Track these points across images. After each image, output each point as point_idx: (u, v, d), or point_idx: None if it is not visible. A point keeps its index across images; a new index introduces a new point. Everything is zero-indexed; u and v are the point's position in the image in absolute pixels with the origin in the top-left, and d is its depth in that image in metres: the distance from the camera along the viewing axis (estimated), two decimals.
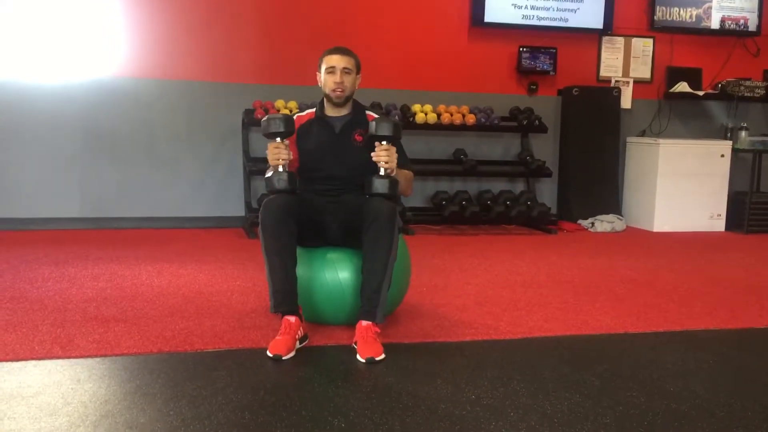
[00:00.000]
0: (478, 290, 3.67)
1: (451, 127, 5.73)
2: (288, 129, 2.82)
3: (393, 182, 2.81)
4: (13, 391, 2.19)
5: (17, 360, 2.47)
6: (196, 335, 2.79)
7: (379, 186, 2.79)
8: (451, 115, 5.73)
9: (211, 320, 3.00)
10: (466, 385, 2.34)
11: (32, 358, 2.49)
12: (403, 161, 3.00)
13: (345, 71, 2.91)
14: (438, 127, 5.71)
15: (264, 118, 2.86)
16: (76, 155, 5.35)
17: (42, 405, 2.10)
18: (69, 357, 2.51)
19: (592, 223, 5.94)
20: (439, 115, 5.70)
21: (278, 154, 2.80)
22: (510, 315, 3.21)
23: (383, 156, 2.80)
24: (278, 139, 2.82)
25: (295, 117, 3.02)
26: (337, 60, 2.91)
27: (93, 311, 3.10)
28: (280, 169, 2.82)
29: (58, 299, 3.28)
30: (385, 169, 2.81)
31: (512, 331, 2.98)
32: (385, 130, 2.79)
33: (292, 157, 2.87)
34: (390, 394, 2.25)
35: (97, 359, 2.51)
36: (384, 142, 2.80)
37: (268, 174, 2.88)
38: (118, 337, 2.73)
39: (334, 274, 2.87)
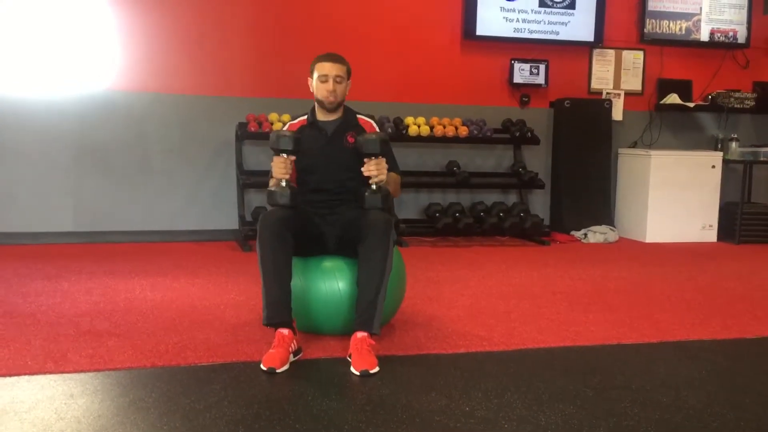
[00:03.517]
0: (472, 302, 3.68)
1: (444, 139, 5.75)
2: (296, 148, 2.88)
3: (385, 196, 2.88)
4: (6, 407, 2.18)
5: (10, 375, 2.46)
6: (190, 349, 2.78)
7: (373, 201, 2.87)
8: (444, 127, 5.75)
9: (205, 334, 2.99)
10: (460, 397, 2.34)
11: (25, 373, 2.48)
12: (391, 165, 3.06)
13: (337, 80, 2.97)
14: (431, 140, 5.73)
15: (274, 133, 2.91)
16: (69, 169, 5.34)
17: (35, 420, 2.09)
18: (62, 372, 2.50)
19: (585, 234, 5.97)
20: (432, 128, 5.72)
21: (284, 169, 2.85)
22: (503, 326, 3.21)
23: (373, 170, 2.85)
24: (284, 155, 2.87)
25: (287, 125, 3.11)
26: (329, 68, 2.97)
27: (86, 325, 3.09)
28: (283, 183, 2.87)
29: (51, 313, 3.27)
30: (377, 183, 2.87)
31: (506, 342, 2.98)
32: (372, 148, 2.86)
33: (293, 173, 2.92)
34: (384, 406, 2.25)
35: (91, 374, 2.50)
36: (373, 157, 2.87)
37: (271, 186, 2.93)
38: (112, 352, 2.73)
39: (332, 283, 2.89)
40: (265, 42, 5.62)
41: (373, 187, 2.87)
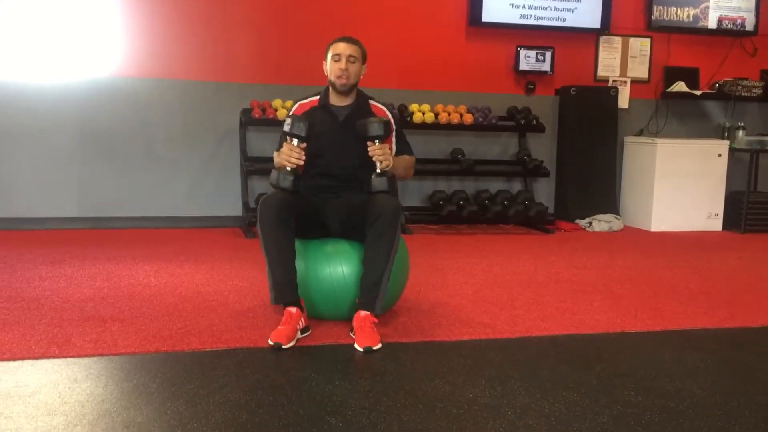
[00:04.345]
0: (476, 289, 3.67)
1: (449, 127, 5.73)
2: (308, 135, 2.88)
3: (390, 179, 2.91)
4: (10, 391, 2.19)
5: (14, 359, 2.46)
6: (194, 334, 2.79)
7: (378, 184, 2.89)
8: (449, 114, 5.73)
9: (209, 319, 3.00)
10: (463, 384, 2.34)
11: (29, 358, 2.48)
12: (403, 147, 3.10)
13: (350, 59, 2.96)
14: (436, 127, 5.71)
15: (288, 117, 2.91)
16: (73, 155, 5.34)
17: (39, 404, 2.10)
18: (66, 356, 2.51)
19: (590, 223, 5.95)
20: (436, 115, 5.70)
21: (291, 156, 2.85)
22: (507, 314, 3.21)
23: (377, 154, 2.86)
24: (295, 142, 2.86)
25: (297, 104, 3.09)
26: (343, 48, 2.97)
27: (90, 311, 3.09)
28: (288, 168, 2.86)
29: (55, 299, 3.28)
30: (382, 167, 2.88)
31: (510, 330, 2.98)
32: (374, 130, 2.88)
33: (302, 162, 2.88)
34: (388, 393, 2.25)
35: (94, 359, 2.51)
36: (377, 141, 2.88)
37: (276, 167, 2.94)
38: (116, 337, 2.73)
39: (335, 268, 2.89)
40: (269, 28, 5.59)
41: (378, 170, 2.89)
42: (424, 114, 5.66)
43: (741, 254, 5.02)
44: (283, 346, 2.60)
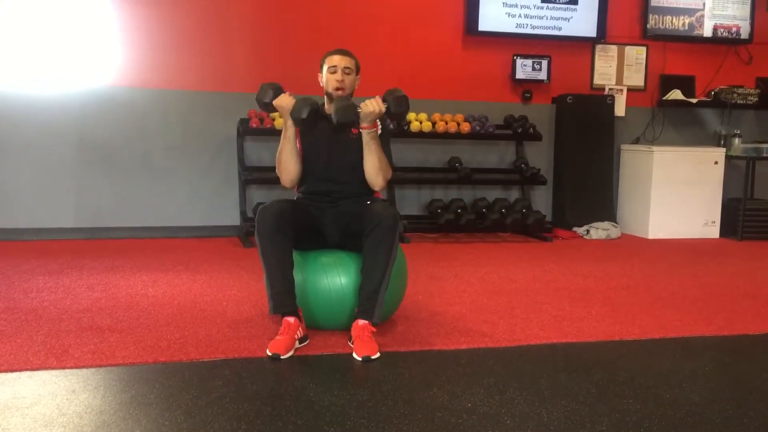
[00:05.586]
0: (474, 298, 3.67)
1: (446, 136, 5.75)
2: (280, 87, 3.01)
3: (349, 108, 2.88)
4: (8, 402, 2.18)
5: (12, 371, 2.46)
6: (192, 345, 2.78)
7: (340, 104, 2.89)
8: (446, 123, 5.75)
9: (207, 329, 2.99)
10: (462, 393, 2.33)
11: (27, 369, 2.48)
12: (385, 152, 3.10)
13: (345, 71, 3.02)
14: (433, 136, 5.72)
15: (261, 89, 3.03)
16: (71, 165, 5.34)
17: (37, 416, 2.09)
18: (64, 367, 2.50)
19: (587, 231, 5.96)
20: (433, 124, 5.72)
21: (286, 100, 2.96)
22: (506, 323, 3.21)
23: (369, 101, 2.92)
24: (285, 93, 2.98)
25: None
26: (338, 60, 3.02)
27: (88, 321, 3.09)
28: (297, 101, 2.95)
29: (52, 309, 3.27)
30: (363, 110, 2.92)
31: (508, 338, 2.98)
32: (394, 92, 2.99)
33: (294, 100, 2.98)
34: (386, 402, 2.25)
35: (92, 370, 2.50)
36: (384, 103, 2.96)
37: (292, 111, 2.96)
38: (113, 348, 2.73)
39: (334, 278, 2.89)
40: (266, 38, 5.61)
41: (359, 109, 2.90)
42: (421, 123, 5.68)
43: (738, 261, 5.03)
44: (281, 357, 2.61)
